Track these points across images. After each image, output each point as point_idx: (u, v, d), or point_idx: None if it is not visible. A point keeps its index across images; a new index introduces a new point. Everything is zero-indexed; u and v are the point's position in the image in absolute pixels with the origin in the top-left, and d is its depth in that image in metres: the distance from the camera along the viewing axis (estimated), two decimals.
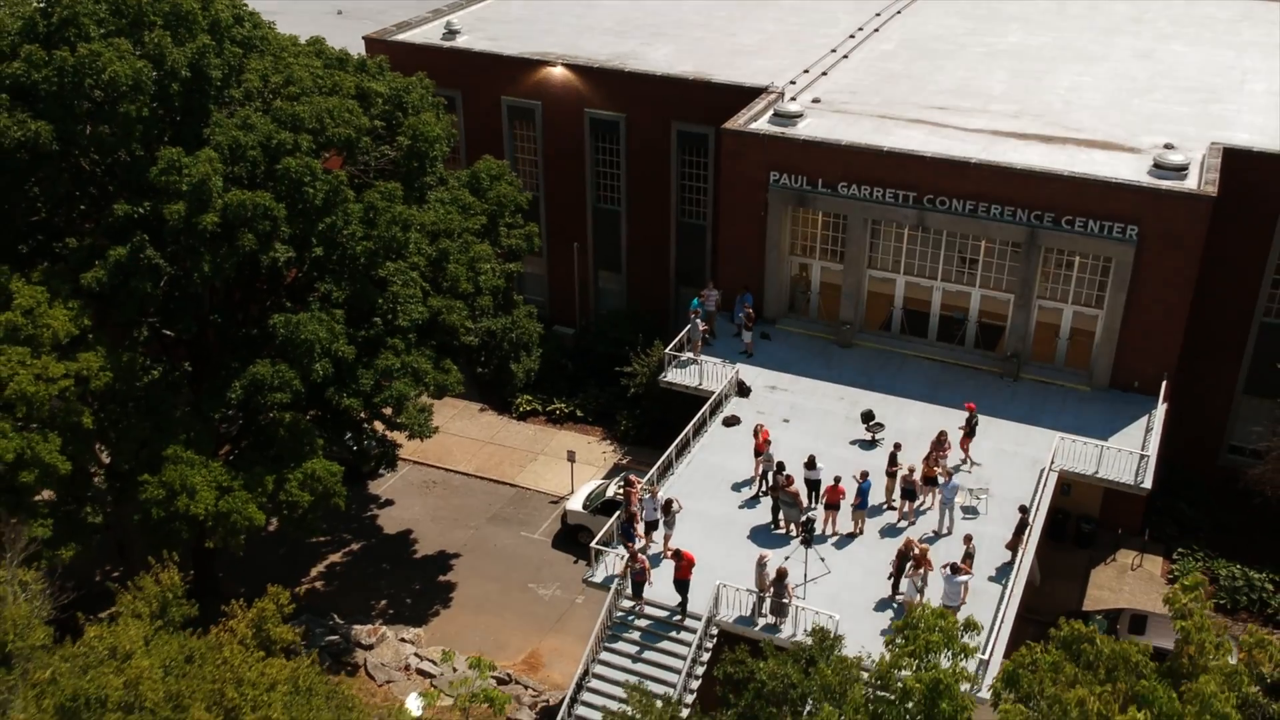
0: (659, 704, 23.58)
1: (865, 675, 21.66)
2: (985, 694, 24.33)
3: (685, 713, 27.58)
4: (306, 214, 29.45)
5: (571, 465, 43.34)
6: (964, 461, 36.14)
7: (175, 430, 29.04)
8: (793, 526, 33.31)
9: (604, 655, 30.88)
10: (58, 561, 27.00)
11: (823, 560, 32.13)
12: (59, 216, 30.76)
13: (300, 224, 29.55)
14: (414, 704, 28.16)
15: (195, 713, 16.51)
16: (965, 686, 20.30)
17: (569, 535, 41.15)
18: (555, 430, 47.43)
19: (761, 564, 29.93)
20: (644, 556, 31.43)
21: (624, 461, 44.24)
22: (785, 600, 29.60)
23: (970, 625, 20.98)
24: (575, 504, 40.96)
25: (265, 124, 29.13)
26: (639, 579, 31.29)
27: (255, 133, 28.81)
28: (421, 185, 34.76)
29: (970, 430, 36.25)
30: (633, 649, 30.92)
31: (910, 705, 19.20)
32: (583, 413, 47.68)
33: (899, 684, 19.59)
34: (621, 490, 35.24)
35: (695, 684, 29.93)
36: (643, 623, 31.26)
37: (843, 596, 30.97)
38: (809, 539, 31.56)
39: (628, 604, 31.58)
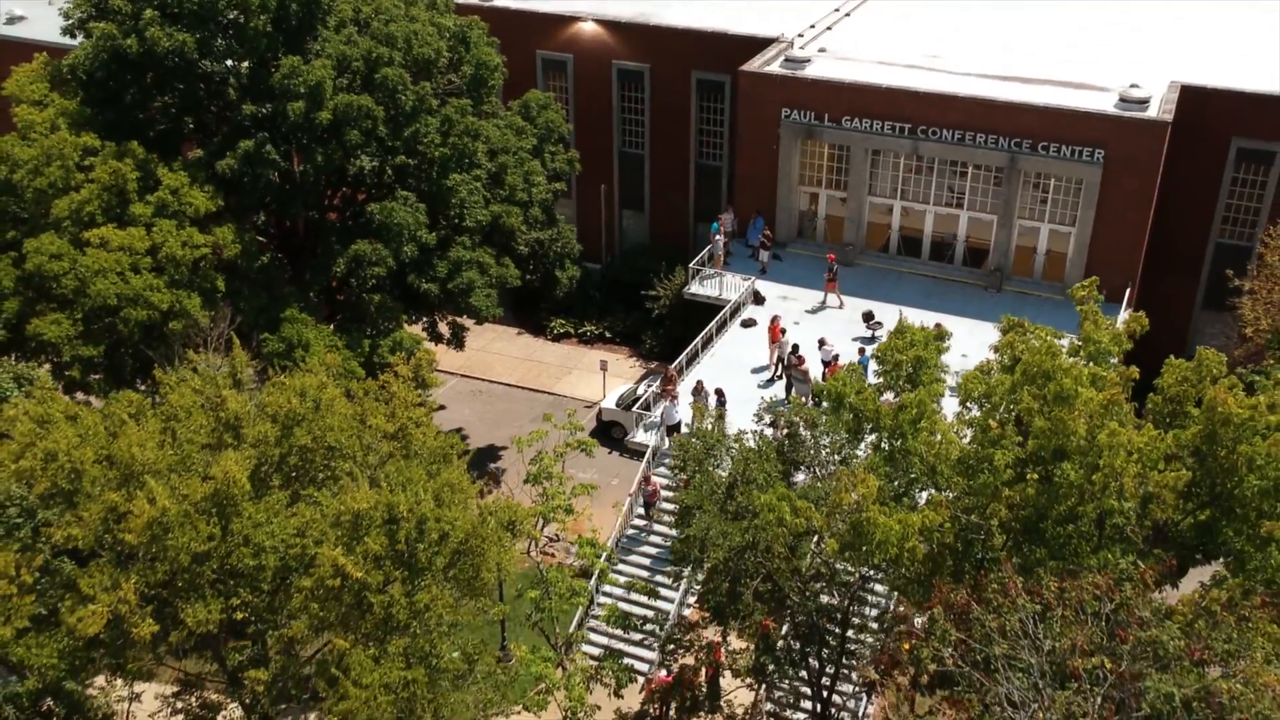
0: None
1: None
2: None
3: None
4: (397, 119, 34.81)
5: (604, 373, 48.63)
6: (834, 300, 44.48)
7: (287, 301, 34.39)
8: (804, 399, 38.56)
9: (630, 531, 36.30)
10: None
11: None
12: (183, 124, 36.02)
13: (390, 127, 34.90)
14: None
15: (378, 421, 21.72)
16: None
17: (603, 430, 46.44)
18: (586, 349, 52.77)
19: None
20: (655, 480, 36.48)
21: (653, 366, 49.53)
22: None
23: (941, 334, 26.99)
24: (609, 403, 46.32)
25: (365, 40, 34.50)
26: (650, 500, 36.37)
27: (358, 47, 34.16)
28: (480, 111, 40.09)
29: (833, 276, 44.39)
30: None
31: (900, 375, 25.16)
32: (611, 334, 53.05)
33: (893, 358, 25.32)
34: (658, 383, 40.70)
35: None
36: (655, 539, 36.19)
37: None
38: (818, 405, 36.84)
39: (640, 522, 36.53)
